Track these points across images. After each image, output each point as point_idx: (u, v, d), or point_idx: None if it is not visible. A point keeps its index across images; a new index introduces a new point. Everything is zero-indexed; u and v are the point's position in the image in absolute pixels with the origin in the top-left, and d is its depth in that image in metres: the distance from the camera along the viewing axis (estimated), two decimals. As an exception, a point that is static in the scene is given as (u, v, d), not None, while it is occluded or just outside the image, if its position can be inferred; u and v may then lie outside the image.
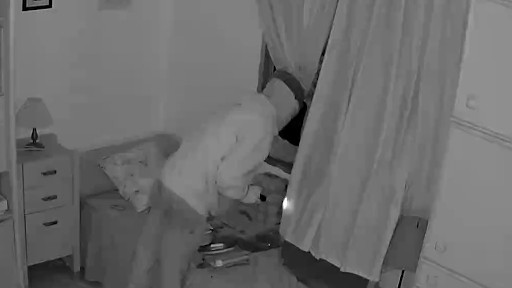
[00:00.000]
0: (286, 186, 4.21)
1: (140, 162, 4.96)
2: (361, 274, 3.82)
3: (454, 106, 3.14)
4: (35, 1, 4.48)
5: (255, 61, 4.73)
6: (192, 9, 5.19)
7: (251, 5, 4.39)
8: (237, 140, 3.80)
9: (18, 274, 4.25)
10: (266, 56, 4.59)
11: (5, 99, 3.94)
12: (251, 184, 4.01)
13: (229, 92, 4.94)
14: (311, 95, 4.08)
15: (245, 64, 4.82)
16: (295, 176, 4.11)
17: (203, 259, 4.15)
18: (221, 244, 4.26)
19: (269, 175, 4.71)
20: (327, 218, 3.92)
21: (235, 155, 3.77)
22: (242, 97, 4.06)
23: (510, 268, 3.05)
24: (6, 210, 4.14)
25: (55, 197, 4.55)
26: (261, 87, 4.74)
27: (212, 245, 4.24)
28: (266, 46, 4.54)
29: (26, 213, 4.41)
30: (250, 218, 4.62)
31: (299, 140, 4.13)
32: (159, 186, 3.90)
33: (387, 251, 3.72)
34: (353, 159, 3.82)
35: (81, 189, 4.70)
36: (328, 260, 3.93)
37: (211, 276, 4.03)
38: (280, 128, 4.07)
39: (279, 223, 4.26)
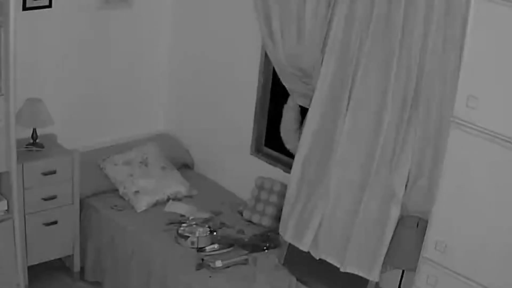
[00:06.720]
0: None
1: (140, 162, 4.95)
2: (361, 274, 3.82)
3: (454, 106, 3.14)
4: (35, 1, 4.48)
5: (255, 61, 4.73)
6: (192, 9, 5.19)
7: (251, 4, 4.38)
8: None
9: (18, 274, 4.25)
10: (266, 56, 4.58)
11: (5, 99, 3.93)
12: None
13: (229, 92, 4.97)
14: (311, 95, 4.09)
15: (245, 64, 4.81)
16: (295, 176, 4.11)
17: (202, 259, 4.15)
18: (216, 245, 4.26)
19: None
20: (327, 218, 3.92)
21: None
22: None
23: (510, 268, 3.05)
24: (6, 210, 4.14)
25: (55, 197, 4.54)
26: (261, 87, 4.75)
27: (207, 247, 4.24)
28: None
29: (26, 213, 4.40)
30: (246, 219, 4.61)
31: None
32: None
33: (387, 251, 3.72)
34: (353, 159, 3.82)
35: (81, 189, 4.69)
36: (328, 260, 3.94)
37: (210, 276, 4.04)
38: None
39: (278, 223, 4.26)
